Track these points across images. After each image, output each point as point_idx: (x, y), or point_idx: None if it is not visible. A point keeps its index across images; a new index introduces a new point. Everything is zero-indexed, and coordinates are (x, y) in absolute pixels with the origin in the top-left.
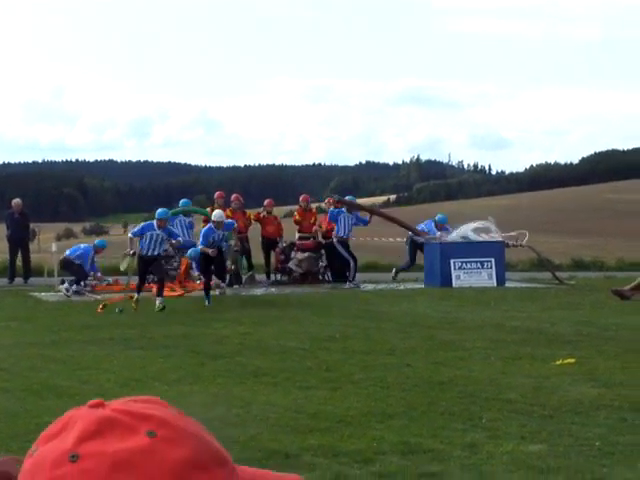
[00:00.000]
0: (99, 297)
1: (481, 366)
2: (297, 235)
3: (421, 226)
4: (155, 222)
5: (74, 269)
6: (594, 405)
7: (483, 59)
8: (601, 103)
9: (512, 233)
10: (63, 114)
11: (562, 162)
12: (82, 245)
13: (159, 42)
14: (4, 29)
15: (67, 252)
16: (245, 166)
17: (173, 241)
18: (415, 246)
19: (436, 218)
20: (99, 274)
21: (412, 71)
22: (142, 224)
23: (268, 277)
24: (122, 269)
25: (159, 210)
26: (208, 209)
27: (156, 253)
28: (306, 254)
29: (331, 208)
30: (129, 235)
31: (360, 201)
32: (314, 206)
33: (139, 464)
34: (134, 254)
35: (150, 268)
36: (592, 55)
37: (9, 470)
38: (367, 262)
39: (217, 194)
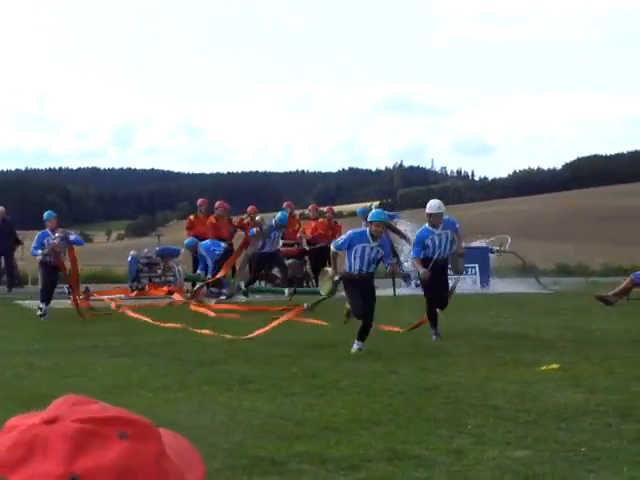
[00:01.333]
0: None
1: (467, 372)
2: (281, 242)
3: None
4: (370, 228)
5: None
6: (579, 411)
7: (466, 65)
8: (585, 108)
9: (492, 238)
10: (46, 122)
11: (545, 167)
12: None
13: (143, 50)
14: None
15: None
16: (228, 173)
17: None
18: None
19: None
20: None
21: (395, 78)
22: (349, 233)
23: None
24: (323, 293)
25: (376, 211)
26: (191, 217)
27: (370, 271)
28: (290, 261)
29: None
30: (332, 249)
31: (342, 208)
32: (298, 213)
33: (133, 468)
34: (339, 280)
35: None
36: (575, 60)
37: None
38: None
39: (200, 201)
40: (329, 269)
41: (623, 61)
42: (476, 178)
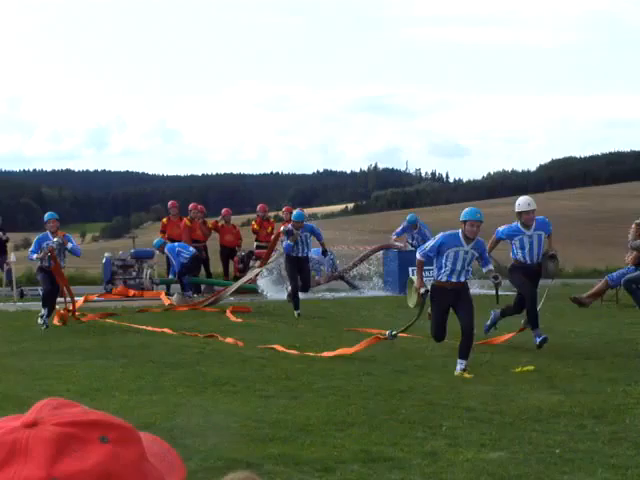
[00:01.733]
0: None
1: (441, 374)
2: (255, 244)
3: (399, 231)
4: (464, 228)
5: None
6: (554, 412)
7: (442, 67)
8: (559, 110)
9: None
10: (20, 124)
11: (520, 169)
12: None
13: (117, 51)
14: None
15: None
16: (203, 175)
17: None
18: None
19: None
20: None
21: (371, 79)
22: (439, 236)
23: None
24: (410, 306)
25: (471, 209)
26: (164, 219)
27: (463, 280)
28: None
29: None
30: (418, 257)
31: (318, 210)
32: (272, 215)
33: (114, 472)
34: (427, 292)
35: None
36: (550, 62)
37: None
38: None
39: (170, 203)
40: (415, 278)
41: (598, 64)
42: (451, 180)
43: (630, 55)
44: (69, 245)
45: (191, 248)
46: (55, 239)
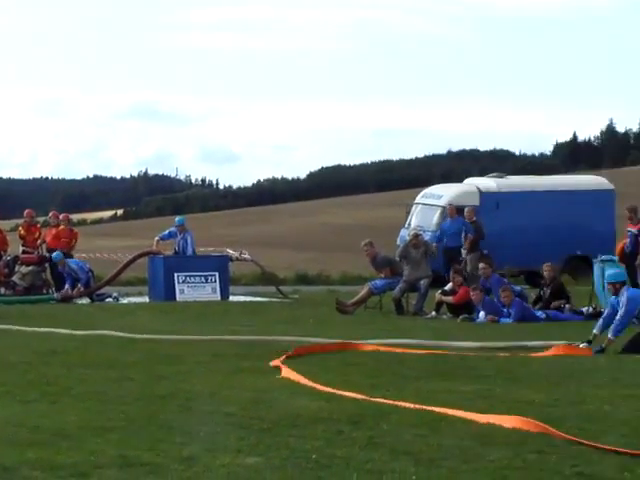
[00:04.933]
0: None
1: (202, 379)
2: (21, 249)
3: (165, 234)
4: None
5: None
6: (313, 418)
7: (212, 74)
8: (330, 118)
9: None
10: None
11: (290, 177)
12: None
13: None
14: None
15: None
16: None
17: None
18: None
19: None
20: None
21: (143, 85)
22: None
23: None
24: None
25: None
26: None
27: None
28: (30, 268)
29: None
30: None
31: (87, 215)
32: (41, 219)
33: None
34: None
35: None
36: (319, 70)
37: None
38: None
39: None
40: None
41: (369, 73)
42: (221, 187)
43: (400, 65)
44: None
45: None
46: None
